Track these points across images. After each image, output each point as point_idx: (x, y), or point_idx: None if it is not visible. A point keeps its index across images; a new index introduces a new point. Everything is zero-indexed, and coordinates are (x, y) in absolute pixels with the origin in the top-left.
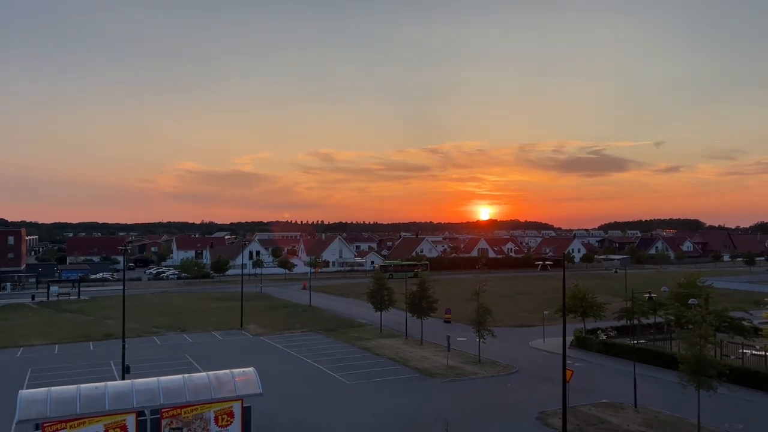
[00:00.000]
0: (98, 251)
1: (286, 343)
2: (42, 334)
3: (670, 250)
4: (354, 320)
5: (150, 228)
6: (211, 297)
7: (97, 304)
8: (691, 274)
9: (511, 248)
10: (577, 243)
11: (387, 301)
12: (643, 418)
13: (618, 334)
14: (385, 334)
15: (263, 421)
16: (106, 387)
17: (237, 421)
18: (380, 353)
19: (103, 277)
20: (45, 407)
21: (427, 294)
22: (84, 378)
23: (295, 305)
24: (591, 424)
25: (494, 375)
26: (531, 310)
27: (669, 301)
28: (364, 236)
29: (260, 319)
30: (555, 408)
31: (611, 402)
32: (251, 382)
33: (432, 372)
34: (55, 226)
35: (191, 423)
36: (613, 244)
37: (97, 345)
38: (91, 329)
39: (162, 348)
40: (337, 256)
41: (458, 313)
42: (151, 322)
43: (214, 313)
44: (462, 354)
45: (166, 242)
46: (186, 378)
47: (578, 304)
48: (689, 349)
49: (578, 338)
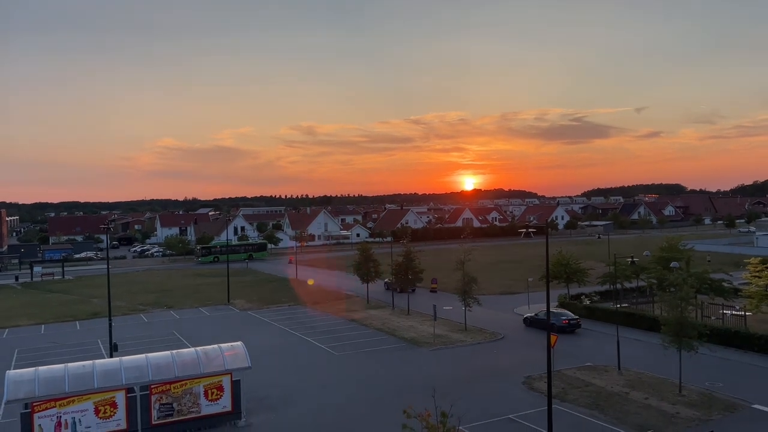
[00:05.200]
0: (81, 230)
1: (274, 317)
2: (27, 315)
3: (653, 215)
4: (341, 292)
5: (132, 206)
6: (197, 273)
7: (81, 284)
8: (673, 238)
9: (496, 217)
10: (561, 210)
11: (373, 273)
12: (626, 380)
13: (601, 298)
14: (372, 305)
15: (253, 394)
16: (94, 365)
17: (227, 394)
18: (368, 324)
19: (87, 256)
20: (33, 387)
21: (413, 265)
22: (71, 357)
23: (281, 279)
24: (575, 387)
25: (480, 342)
26: (516, 277)
27: (651, 265)
28: (349, 209)
29: (247, 294)
30: (540, 372)
31: (595, 365)
32: (239, 356)
33: (419, 341)
34: (35, 206)
35: (181, 398)
36: (596, 211)
37: (83, 324)
38: (77, 308)
39: (149, 325)
40: (323, 230)
41: (444, 282)
42: (138, 299)
43: (201, 290)
44: (448, 322)
45: (149, 220)
46: (174, 354)
47: (562, 270)
48: (671, 311)
49: (562, 304)
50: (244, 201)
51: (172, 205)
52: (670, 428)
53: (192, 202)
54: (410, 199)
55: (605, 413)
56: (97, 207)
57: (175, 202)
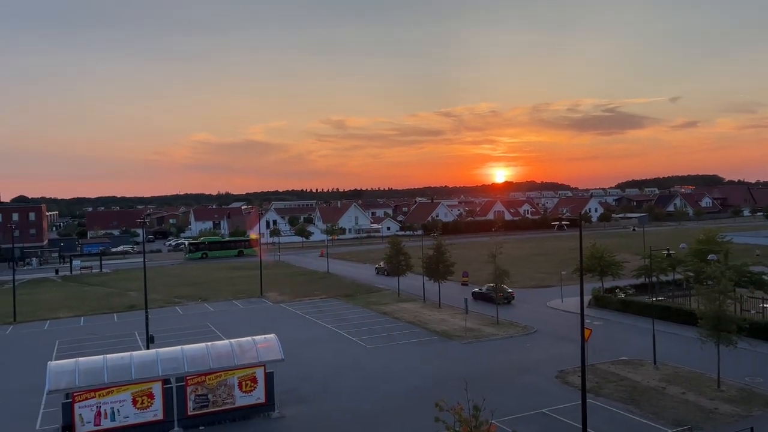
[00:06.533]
0: (118, 225)
1: (306, 309)
2: (67, 307)
3: (689, 207)
4: (372, 285)
5: (167, 200)
6: (231, 266)
7: (119, 277)
8: (710, 230)
9: (528, 210)
10: (594, 202)
11: (404, 266)
12: (662, 374)
13: (636, 292)
14: (403, 298)
15: (286, 386)
16: (132, 357)
17: (260, 386)
18: (399, 317)
19: (124, 249)
20: (74, 377)
21: (444, 258)
22: (110, 348)
23: (313, 272)
24: (610, 381)
25: (513, 336)
26: (548, 270)
27: (688, 257)
28: (380, 203)
29: (280, 287)
30: (574, 366)
31: (630, 359)
32: (273, 348)
33: (450, 334)
34: (74, 201)
35: (216, 389)
36: (631, 203)
37: (120, 316)
38: (115, 301)
39: (184, 317)
40: (353, 223)
41: (476, 275)
42: (173, 292)
43: (234, 282)
44: (480, 316)
45: (183, 214)
46: (209, 346)
47: (596, 263)
48: (709, 304)
49: (596, 297)
50: (276, 195)
51: (205, 199)
52: (709, 424)
53: (225, 196)
54: (441, 192)
55: (641, 408)
56: (133, 201)
57: (209, 197)
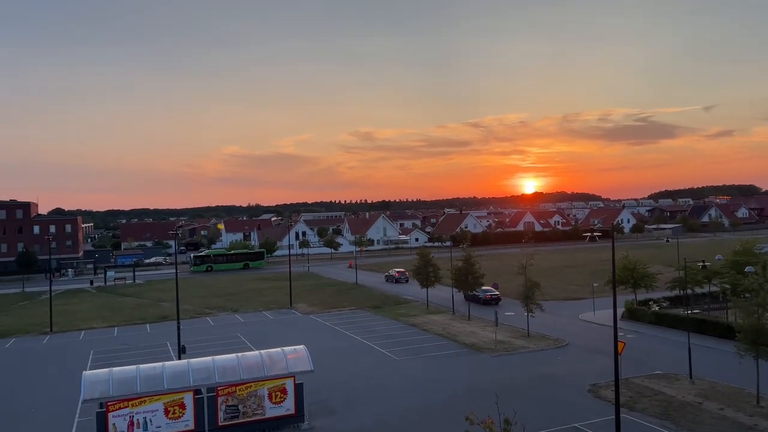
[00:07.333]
0: (150, 236)
1: (335, 321)
2: (101, 318)
3: (724, 218)
4: (400, 297)
5: (199, 212)
6: (261, 277)
7: (151, 288)
8: (747, 241)
9: (558, 221)
10: (627, 213)
11: (433, 278)
12: (699, 389)
13: (671, 304)
14: (431, 310)
15: (315, 397)
16: (164, 367)
17: (290, 397)
18: (428, 329)
19: (156, 261)
20: (108, 387)
21: (473, 269)
22: (142, 359)
23: (341, 283)
24: (645, 396)
25: (544, 348)
26: (580, 282)
27: (724, 269)
28: (408, 214)
29: (309, 298)
30: (607, 380)
31: (665, 373)
32: (302, 359)
33: (480, 347)
34: (109, 213)
35: (246, 400)
36: (664, 213)
37: (153, 327)
38: (147, 312)
39: (215, 328)
40: (382, 235)
41: (506, 287)
42: (204, 303)
43: (264, 293)
44: (510, 328)
45: (215, 225)
46: (239, 357)
47: (629, 275)
48: (747, 317)
49: (629, 310)
50: (305, 206)
51: (236, 210)
52: None
53: (255, 208)
54: (469, 203)
55: (677, 424)
56: (165, 213)
57: (239, 208)
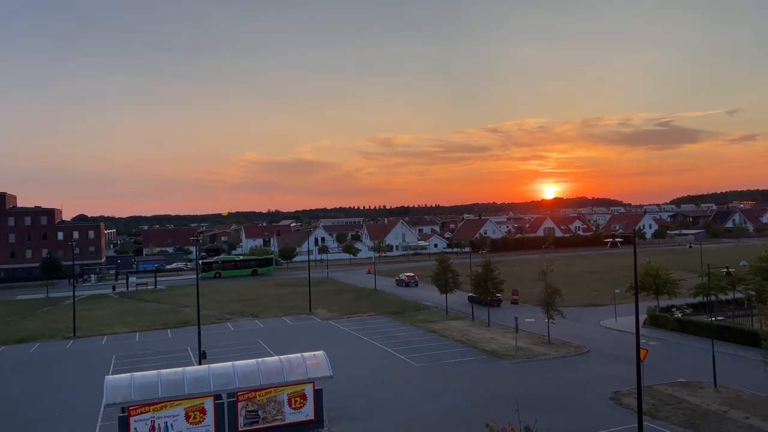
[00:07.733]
0: (172, 242)
1: (354, 327)
2: (123, 323)
3: (749, 223)
4: (419, 303)
5: (219, 218)
6: (280, 283)
7: (172, 293)
8: None
9: (579, 226)
10: (649, 218)
11: (452, 284)
12: (724, 397)
13: (694, 311)
14: (451, 316)
15: (335, 403)
16: (185, 372)
17: (309, 403)
18: (447, 335)
19: (178, 266)
20: (129, 392)
21: (492, 275)
22: (164, 364)
23: (361, 289)
24: (668, 404)
25: (565, 355)
26: (601, 288)
27: (749, 275)
28: (427, 219)
29: (328, 304)
30: (629, 388)
31: (689, 381)
32: (322, 364)
33: (500, 353)
34: (130, 219)
35: (266, 405)
36: (687, 219)
37: (174, 332)
38: (168, 317)
39: (235, 333)
40: (400, 240)
41: (526, 294)
42: (224, 308)
43: (284, 299)
44: (531, 335)
45: (235, 231)
46: (259, 362)
47: (651, 281)
48: None
49: (652, 316)
50: (324, 212)
51: (256, 216)
52: None
53: (275, 214)
54: (488, 209)
55: None
56: (186, 219)
57: (259, 214)
